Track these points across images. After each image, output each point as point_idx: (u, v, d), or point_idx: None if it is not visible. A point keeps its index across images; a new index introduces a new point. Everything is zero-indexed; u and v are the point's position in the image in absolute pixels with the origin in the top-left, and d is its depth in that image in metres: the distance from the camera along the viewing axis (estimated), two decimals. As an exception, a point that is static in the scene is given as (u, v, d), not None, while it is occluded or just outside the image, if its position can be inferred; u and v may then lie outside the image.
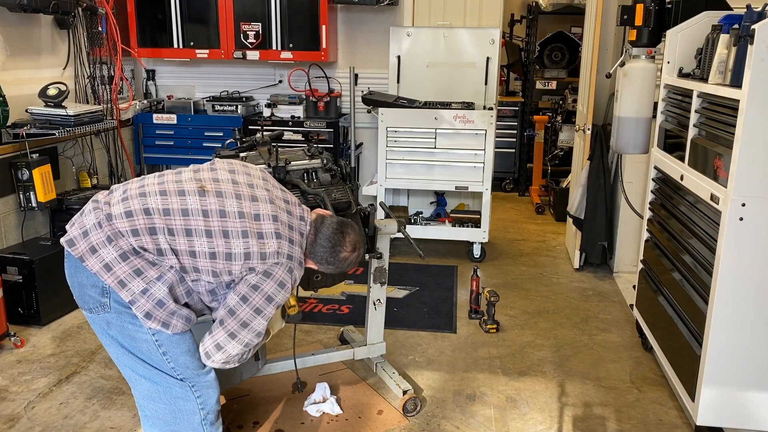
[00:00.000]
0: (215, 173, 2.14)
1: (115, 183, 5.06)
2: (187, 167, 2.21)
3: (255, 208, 2.05)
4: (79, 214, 2.06)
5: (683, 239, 2.88)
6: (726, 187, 2.44)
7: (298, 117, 5.21)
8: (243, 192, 2.08)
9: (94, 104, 4.74)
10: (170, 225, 1.97)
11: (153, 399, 2.09)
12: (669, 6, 3.29)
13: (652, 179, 3.37)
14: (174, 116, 5.27)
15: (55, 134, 4.02)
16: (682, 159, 2.93)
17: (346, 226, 2.22)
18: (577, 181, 4.73)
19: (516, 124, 7.10)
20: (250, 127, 5.14)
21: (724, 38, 2.60)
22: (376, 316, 3.09)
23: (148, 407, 2.12)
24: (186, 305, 2.07)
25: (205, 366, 2.11)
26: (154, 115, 5.29)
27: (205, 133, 5.25)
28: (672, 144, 3.15)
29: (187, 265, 1.99)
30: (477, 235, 4.81)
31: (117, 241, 1.94)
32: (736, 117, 2.39)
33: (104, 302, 1.97)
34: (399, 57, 4.92)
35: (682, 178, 2.89)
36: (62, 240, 2.00)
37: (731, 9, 3.06)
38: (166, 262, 1.97)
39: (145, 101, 5.41)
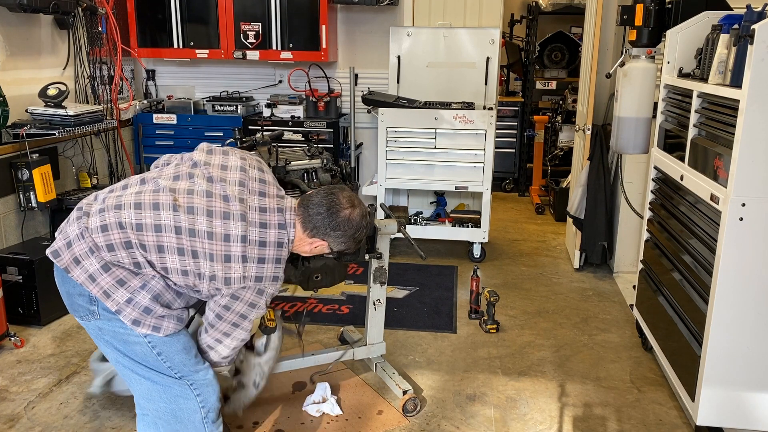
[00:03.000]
0: (192, 183, 2.03)
1: (115, 183, 5.06)
2: (167, 168, 2.13)
3: (225, 228, 1.95)
4: (66, 221, 2.06)
5: (683, 239, 2.88)
6: (726, 187, 2.44)
7: (298, 117, 5.22)
8: (215, 208, 1.98)
9: (94, 104, 4.74)
10: (143, 241, 1.95)
11: (153, 399, 2.09)
12: (669, 6, 3.28)
13: (652, 179, 3.37)
14: (174, 116, 5.27)
15: (55, 134, 4.02)
16: (682, 159, 2.93)
17: (333, 187, 2.14)
18: (577, 181, 4.73)
19: (516, 124, 7.10)
20: (250, 127, 5.14)
21: (724, 38, 2.60)
22: (376, 316, 3.09)
23: (148, 408, 2.12)
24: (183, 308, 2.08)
25: (203, 362, 2.12)
26: (154, 115, 5.29)
27: (205, 133, 5.25)
28: (672, 144, 3.15)
29: (165, 275, 2.01)
30: (477, 235, 4.81)
31: (98, 253, 1.95)
32: (736, 117, 2.39)
33: (93, 310, 1.99)
34: (399, 57, 4.92)
35: (682, 178, 2.89)
36: (48, 251, 2.01)
37: (731, 9, 3.06)
38: (146, 272, 1.98)
39: (145, 101, 5.41)
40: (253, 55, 5.09)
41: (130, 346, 2.02)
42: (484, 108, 4.64)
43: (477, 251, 4.90)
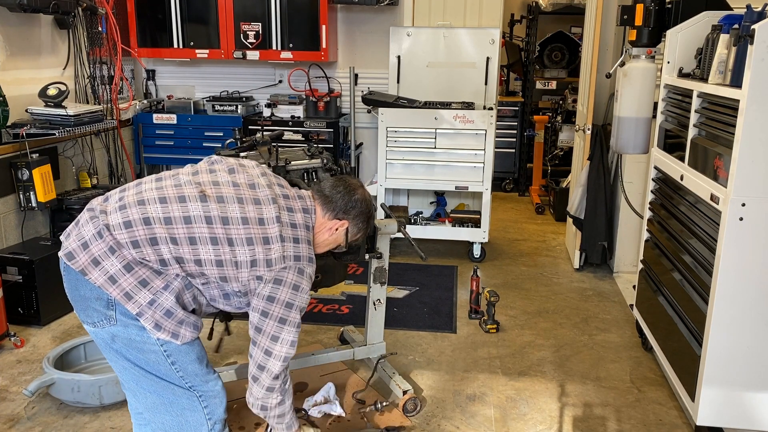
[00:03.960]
0: (215, 176, 2.06)
1: (115, 183, 5.07)
2: (184, 168, 2.14)
3: (258, 212, 1.99)
4: (74, 224, 1.99)
5: (683, 239, 2.88)
6: (726, 187, 2.44)
7: (298, 117, 5.22)
8: (245, 195, 2.01)
9: (94, 104, 4.74)
10: (173, 234, 1.91)
11: (159, 411, 2.04)
12: (669, 6, 3.29)
13: (652, 179, 3.37)
14: (174, 116, 5.28)
15: (55, 134, 4.02)
16: (682, 159, 2.93)
17: (338, 176, 2.32)
18: (577, 181, 4.73)
19: (516, 124, 7.11)
20: (250, 127, 5.14)
21: (724, 38, 2.60)
22: (376, 316, 3.09)
23: (153, 420, 2.07)
24: (193, 311, 2.04)
25: (213, 373, 2.08)
26: (154, 115, 5.29)
27: (205, 133, 5.25)
28: (672, 144, 3.15)
29: (195, 271, 1.95)
30: (477, 235, 4.82)
31: (120, 252, 1.88)
32: (736, 117, 2.39)
33: (110, 315, 1.91)
34: (399, 57, 4.92)
35: (682, 178, 2.89)
36: (61, 254, 1.93)
37: (731, 9, 3.06)
38: (170, 271, 1.92)
39: (145, 101, 5.41)
40: (253, 55, 5.09)
41: (144, 355, 1.96)
42: (484, 108, 4.64)
43: (477, 251, 4.90)
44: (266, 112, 5.28)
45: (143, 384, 2.01)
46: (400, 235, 2.91)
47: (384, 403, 2.85)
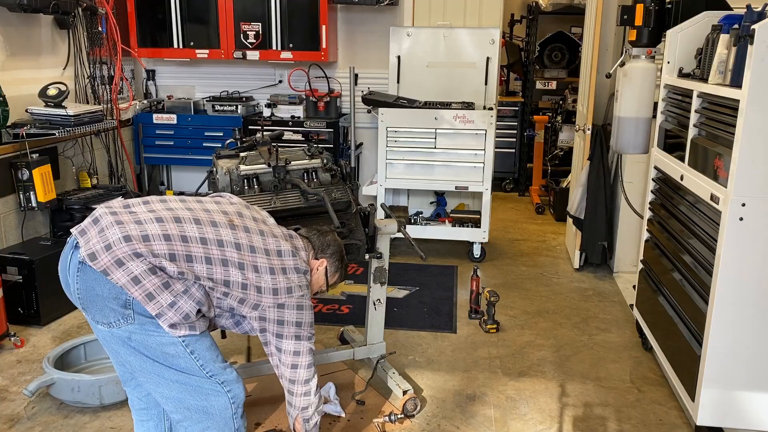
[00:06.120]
0: (235, 207, 2.20)
1: (115, 183, 5.07)
2: (204, 197, 2.26)
3: (276, 245, 2.16)
4: (91, 222, 1.99)
5: (683, 239, 2.88)
6: (726, 187, 2.44)
7: (298, 117, 5.22)
8: (264, 229, 2.18)
9: (94, 104, 4.74)
10: (209, 254, 2.01)
11: (183, 399, 2.07)
12: (669, 6, 3.29)
13: (652, 179, 3.37)
14: (174, 116, 5.28)
15: (55, 134, 4.02)
16: (682, 159, 2.93)
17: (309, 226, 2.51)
18: (577, 181, 4.73)
19: (516, 124, 7.11)
20: (250, 127, 5.14)
21: (724, 38, 2.60)
22: (376, 316, 3.09)
23: (177, 410, 2.10)
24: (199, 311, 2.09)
25: (226, 362, 2.14)
26: (154, 115, 5.29)
27: (205, 133, 5.25)
28: (672, 144, 3.15)
29: (222, 290, 2.05)
30: (477, 235, 4.82)
31: (147, 258, 1.92)
32: (736, 117, 2.39)
33: (127, 314, 1.94)
34: (399, 57, 4.92)
35: (682, 178, 2.90)
36: (84, 253, 1.93)
37: (731, 9, 3.06)
38: (189, 279, 1.98)
39: (145, 101, 5.41)
40: (253, 55, 5.10)
41: (162, 348, 1.99)
42: (484, 108, 4.64)
43: (477, 251, 4.90)
44: (266, 112, 5.29)
45: (165, 374, 2.04)
46: (400, 235, 2.91)
47: (399, 415, 2.85)
